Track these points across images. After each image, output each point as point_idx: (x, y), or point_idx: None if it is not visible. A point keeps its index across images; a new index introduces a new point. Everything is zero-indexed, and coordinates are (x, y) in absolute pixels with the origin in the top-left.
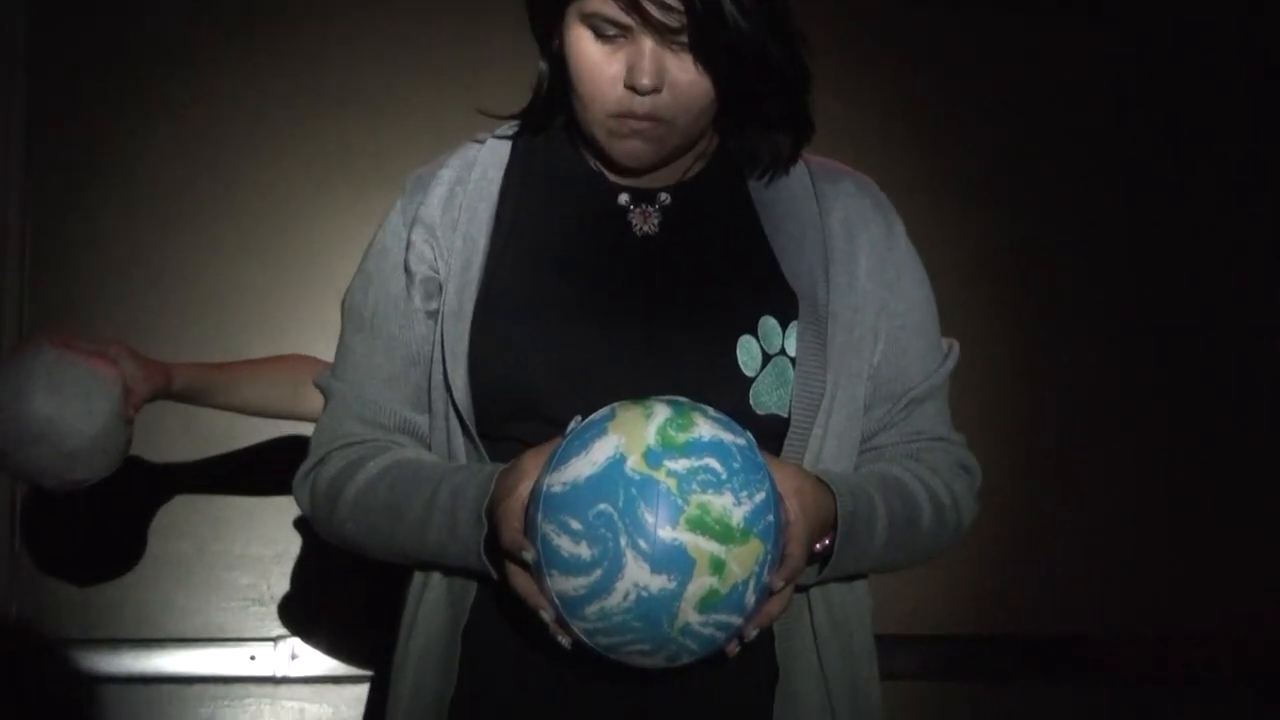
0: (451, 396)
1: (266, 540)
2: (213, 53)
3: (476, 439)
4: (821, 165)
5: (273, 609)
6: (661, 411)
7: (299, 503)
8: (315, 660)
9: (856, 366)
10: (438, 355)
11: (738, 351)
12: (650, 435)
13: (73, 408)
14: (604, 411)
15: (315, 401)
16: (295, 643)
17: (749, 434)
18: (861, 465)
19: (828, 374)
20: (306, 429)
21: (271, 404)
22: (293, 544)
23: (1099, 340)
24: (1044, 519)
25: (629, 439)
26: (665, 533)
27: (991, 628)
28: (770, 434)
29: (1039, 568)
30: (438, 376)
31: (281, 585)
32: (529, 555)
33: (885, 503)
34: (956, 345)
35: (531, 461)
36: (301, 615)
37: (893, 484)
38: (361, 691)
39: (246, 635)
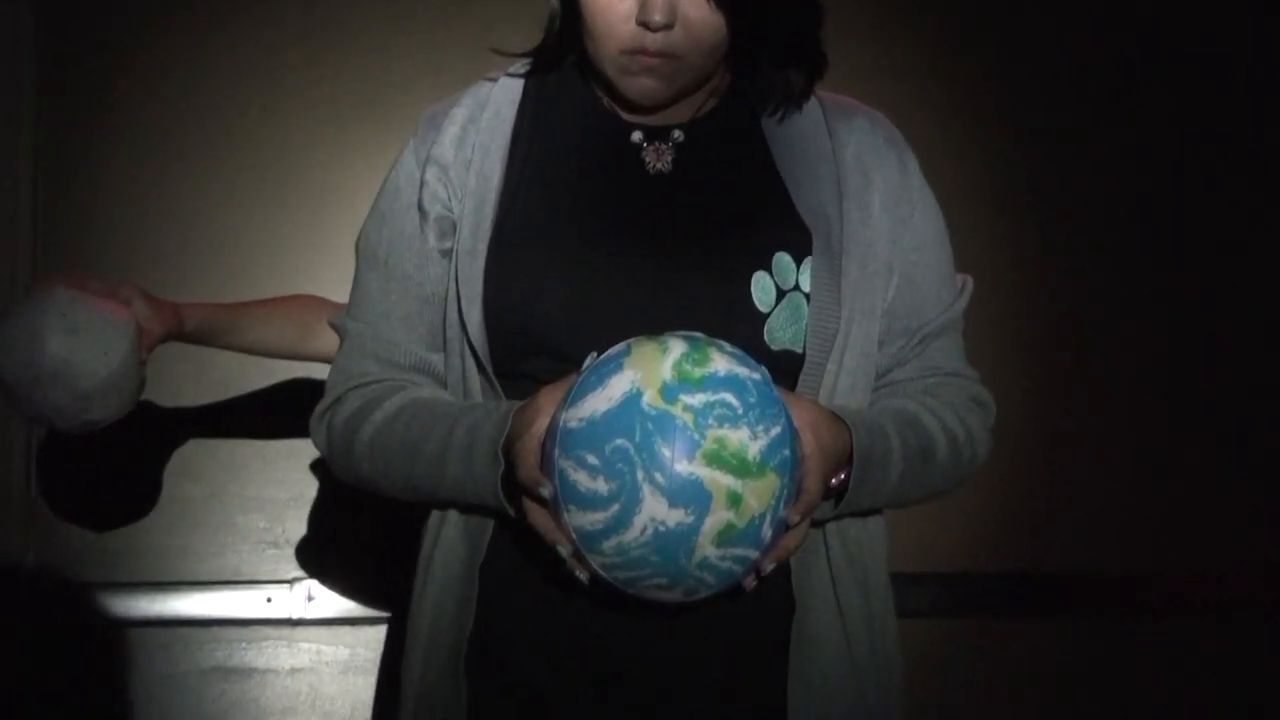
0: (467, 335)
1: (282, 483)
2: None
3: (492, 377)
4: (835, 101)
5: (288, 551)
6: (677, 347)
7: (315, 443)
8: (331, 602)
9: (870, 302)
10: (452, 294)
11: (752, 287)
12: (666, 370)
13: (88, 349)
14: (620, 347)
15: (323, 342)
16: (311, 585)
17: (764, 369)
18: (876, 401)
19: (842, 309)
20: (319, 370)
21: (281, 344)
22: (308, 486)
23: (1116, 272)
24: (1057, 455)
25: (645, 374)
26: (682, 467)
27: (1005, 564)
28: (784, 370)
29: (1051, 504)
30: (453, 315)
31: (297, 528)
32: (546, 491)
33: (900, 437)
34: (971, 281)
35: (548, 398)
36: (317, 557)
37: (907, 419)
38: (378, 633)
39: (262, 578)
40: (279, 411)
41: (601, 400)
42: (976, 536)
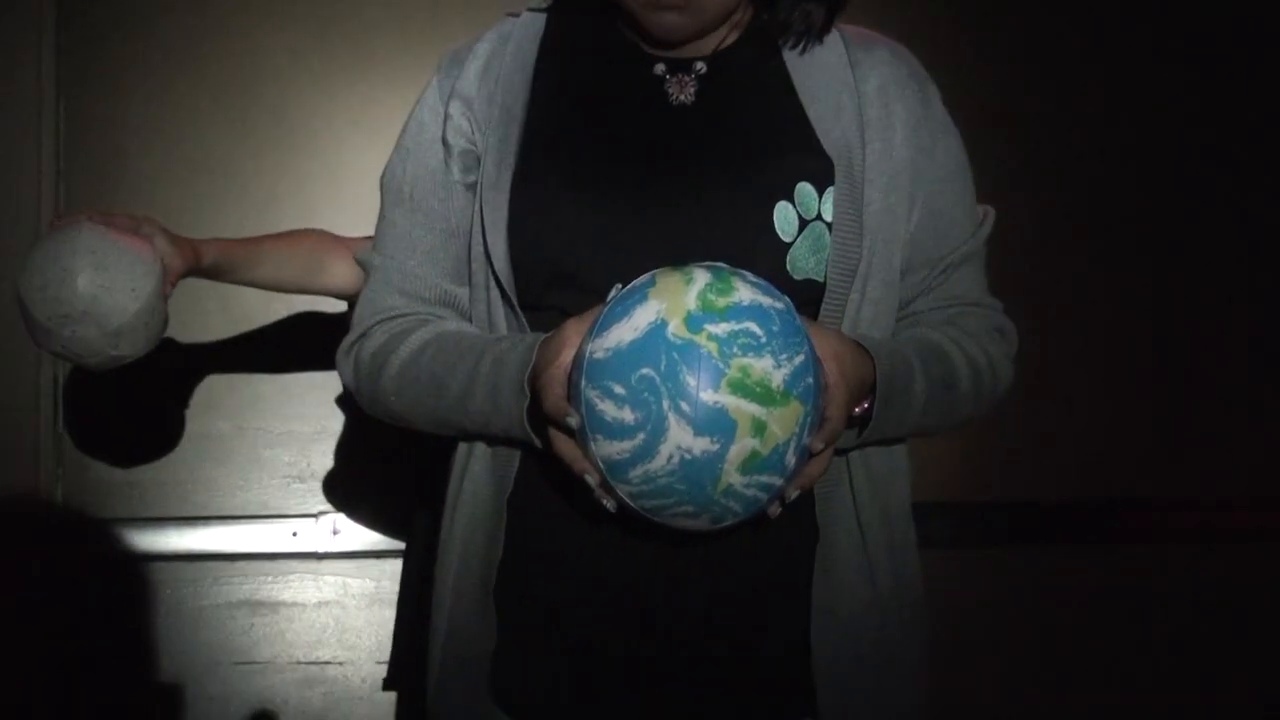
0: (492, 267)
1: (306, 417)
2: None
3: (517, 309)
4: (857, 34)
5: (314, 485)
6: (702, 277)
7: (342, 377)
8: (357, 535)
9: (892, 232)
10: (477, 226)
11: (774, 217)
12: (691, 300)
13: (117, 285)
14: (645, 278)
15: (335, 276)
16: (337, 518)
17: (787, 298)
18: (899, 331)
19: (864, 239)
20: (342, 305)
21: (294, 279)
22: (333, 421)
23: (1131, 201)
24: (1078, 385)
25: (670, 304)
26: (707, 396)
27: (1024, 494)
28: (807, 299)
29: (1072, 433)
30: (477, 248)
31: (322, 462)
32: (573, 421)
33: (923, 366)
34: (992, 211)
35: (573, 329)
36: (342, 491)
37: (930, 348)
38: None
39: (288, 512)
40: (303, 346)
41: (627, 330)
42: (996, 466)
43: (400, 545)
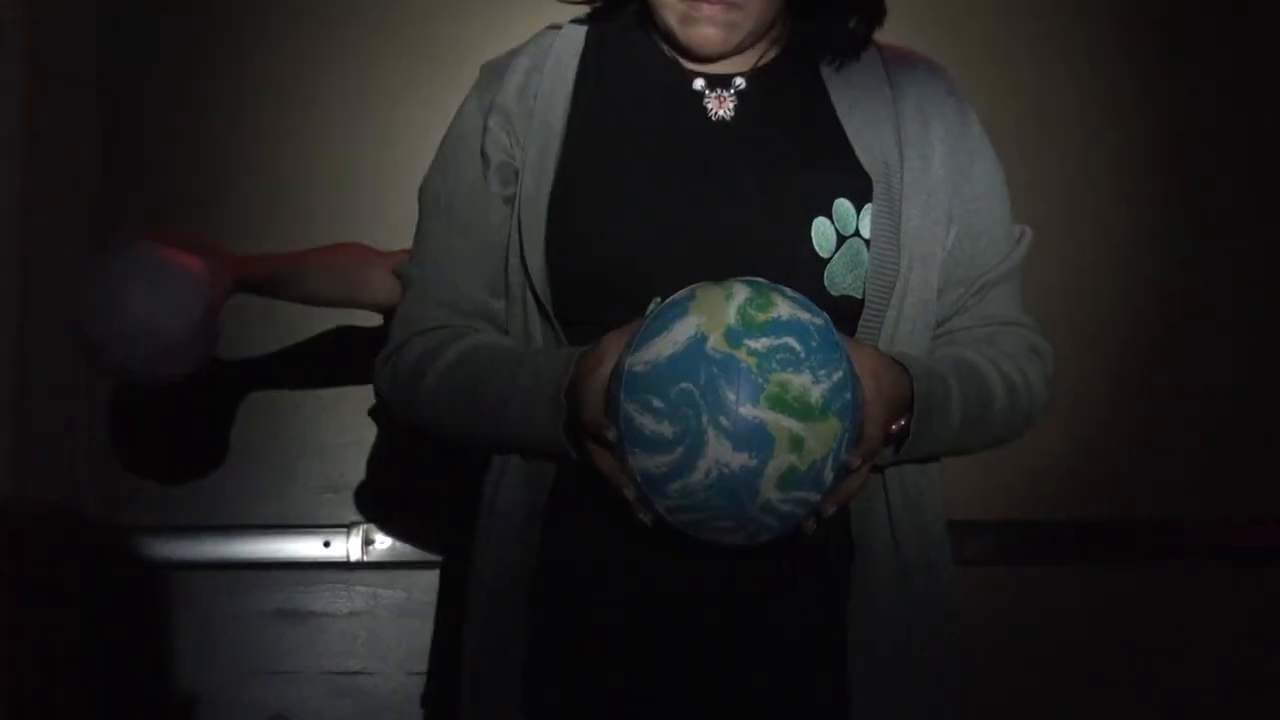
0: (529, 280)
1: (340, 428)
2: None
3: (555, 322)
4: (895, 51)
5: (346, 496)
6: (741, 292)
7: (379, 388)
8: (388, 546)
9: (930, 249)
10: (515, 239)
11: (812, 233)
12: (731, 315)
13: (170, 304)
14: (684, 292)
15: (378, 291)
16: (369, 529)
17: (826, 315)
18: (934, 349)
19: (901, 256)
20: (377, 316)
21: (336, 294)
22: (366, 431)
23: (1167, 224)
24: (1112, 403)
25: (710, 319)
26: (746, 410)
27: (1057, 513)
28: (844, 315)
29: (1106, 452)
30: (515, 260)
31: (355, 472)
32: (611, 434)
33: (959, 385)
34: (1029, 231)
35: (612, 343)
36: (375, 502)
37: (967, 367)
38: (434, 577)
39: (320, 522)
40: (337, 356)
41: (666, 345)
42: (1029, 484)
43: (432, 556)
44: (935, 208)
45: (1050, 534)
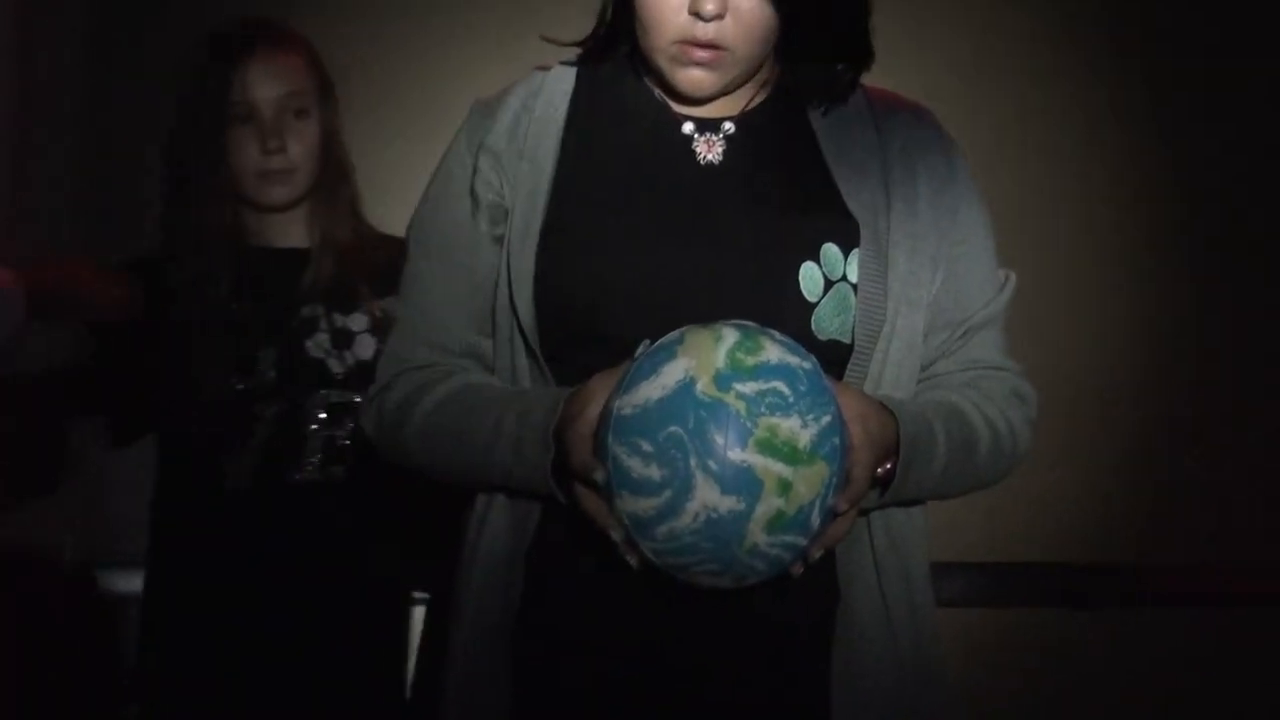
0: (518, 320)
1: None
2: None
3: (542, 363)
4: (881, 96)
5: None
6: (730, 335)
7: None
8: None
9: (916, 294)
10: (504, 279)
11: (800, 277)
12: (720, 359)
13: None
14: (673, 335)
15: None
16: None
17: (814, 359)
18: (919, 393)
19: (888, 301)
20: None
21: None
22: None
23: (1150, 271)
24: (1092, 447)
25: (699, 362)
26: (735, 455)
27: (1038, 555)
28: (831, 360)
29: (1086, 496)
30: (503, 300)
31: None
32: (599, 476)
33: (945, 429)
34: (1014, 276)
35: (600, 385)
36: None
37: (951, 411)
38: (410, 613)
39: None
40: None
41: (655, 388)
42: (1010, 527)
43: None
44: (921, 253)
45: (1029, 577)
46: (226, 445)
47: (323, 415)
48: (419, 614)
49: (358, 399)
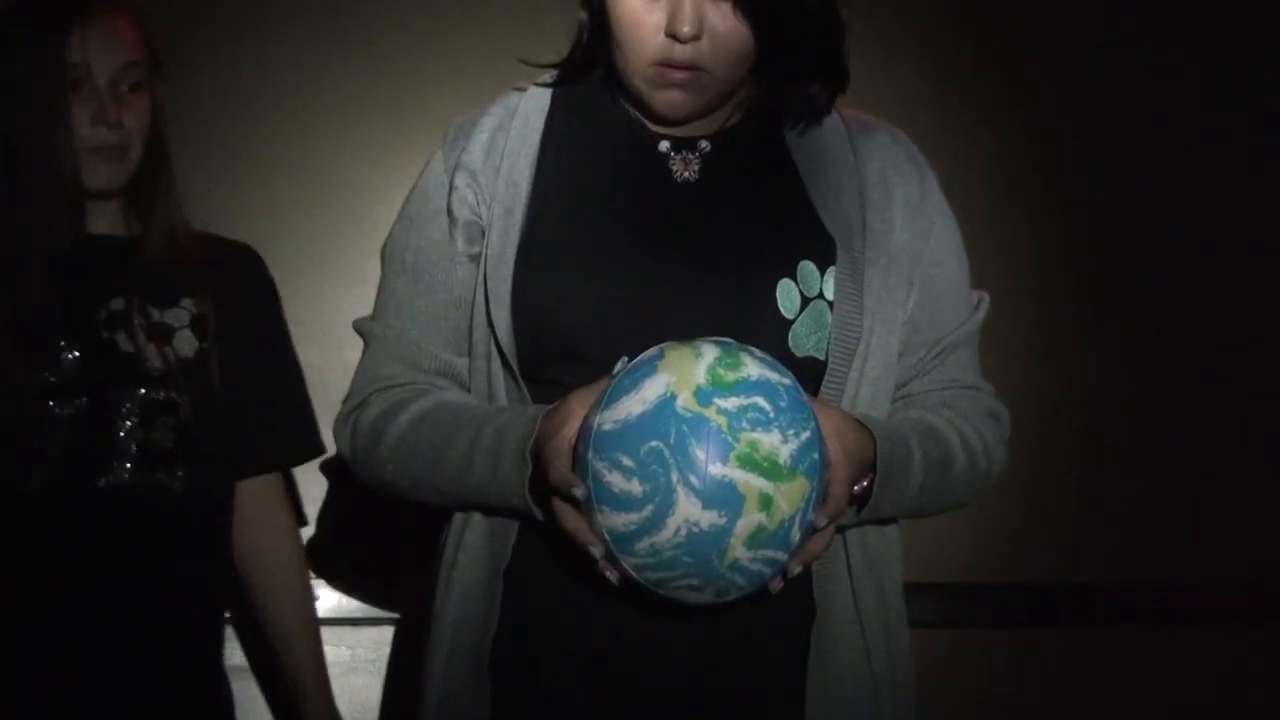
0: (495, 338)
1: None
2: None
3: (520, 380)
4: (855, 118)
5: None
6: (710, 351)
7: (339, 445)
8: (333, 602)
9: (891, 312)
10: (480, 297)
11: (777, 294)
12: (700, 374)
13: None
14: (653, 351)
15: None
16: (313, 584)
17: (793, 375)
18: (894, 412)
19: (864, 318)
20: (330, 373)
21: None
22: (313, 486)
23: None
24: (1067, 466)
25: (679, 378)
26: (716, 469)
27: (1011, 576)
28: (807, 376)
29: (1059, 515)
30: (480, 318)
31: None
32: (579, 492)
33: (921, 447)
34: (987, 297)
35: (578, 401)
36: (320, 557)
37: (927, 429)
38: (380, 634)
39: None
40: None
41: (636, 403)
42: (983, 548)
43: (378, 613)
44: (896, 272)
45: (999, 597)
46: (21, 445)
47: (135, 416)
48: (388, 634)
49: (179, 398)
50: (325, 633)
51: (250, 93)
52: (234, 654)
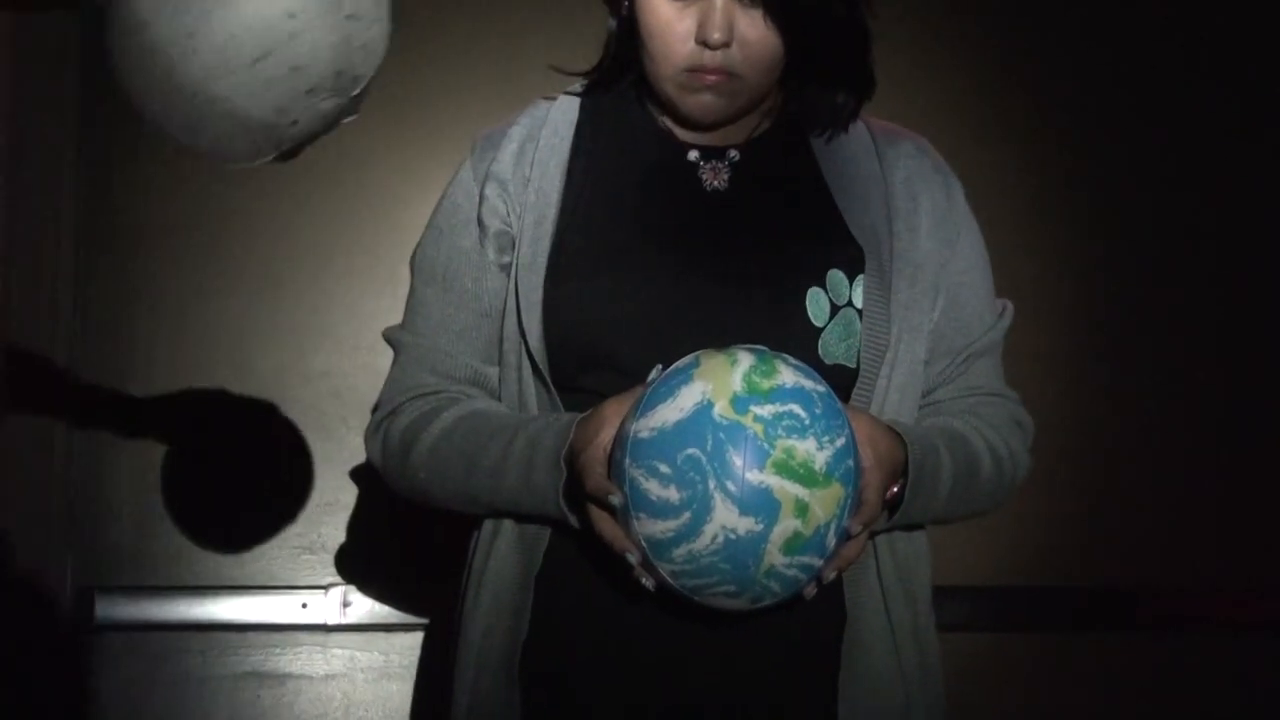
0: (526, 347)
1: (318, 489)
2: None
3: (551, 389)
4: (881, 127)
5: (324, 557)
6: (746, 359)
7: (370, 454)
8: (366, 608)
9: (918, 320)
10: (511, 306)
11: (807, 303)
12: (736, 382)
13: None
14: (689, 359)
15: None
16: (346, 591)
17: (826, 382)
18: (921, 419)
19: (892, 326)
20: (359, 379)
21: None
22: (344, 493)
23: (1161, 291)
24: (1092, 471)
25: (716, 386)
26: (753, 476)
27: (1038, 579)
28: (837, 384)
29: (1085, 519)
30: (511, 327)
31: (333, 534)
32: (617, 499)
33: (950, 453)
34: (1011, 305)
35: (612, 409)
36: (353, 564)
37: (955, 436)
38: (412, 639)
39: (298, 583)
40: (317, 418)
41: (673, 411)
42: (1010, 551)
43: (411, 619)
44: (923, 280)
45: (1029, 601)
46: None
47: None
48: (421, 640)
49: None
50: (359, 639)
51: None
52: (241, 661)
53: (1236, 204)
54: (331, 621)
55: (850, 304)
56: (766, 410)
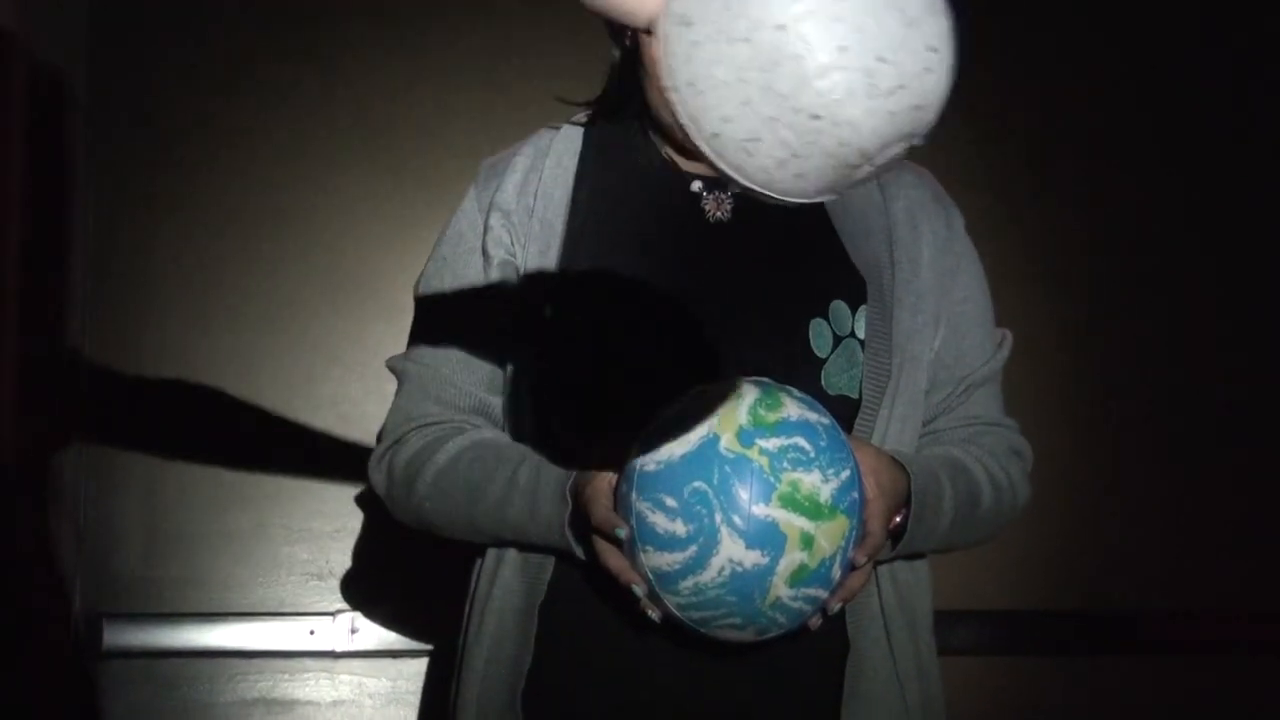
0: (530, 377)
1: (326, 515)
2: (276, 44)
3: (554, 419)
4: None
5: (332, 584)
6: (751, 392)
7: (374, 484)
8: (374, 635)
9: (919, 350)
10: (515, 336)
11: (810, 334)
12: (742, 415)
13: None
14: (693, 392)
15: None
16: (354, 617)
17: (830, 414)
18: (921, 448)
19: (894, 356)
20: (366, 405)
21: None
22: (352, 519)
23: (1160, 317)
24: (1092, 497)
25: (722, 419)
26: (759, 510)
27: (1041, 604)
28: (840, 415)
29: (1086, 546)
30: (514, 357)
31: (340, 560)
32: (623, 532)
33: (951, 483)
34: (1010, 335)
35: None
36: (360, 590)
37: (956, 465)
38: (420, 666)
39: (305, 610)
40: (324, 445)
41: (679, 444)
42: (1012, 576)
43: (418, 645)
44: (924, 310)
45: (1035, 625)
46: None
47: None
48: (421, 666)
49: None
50: (366, 665)
51: (276, 146)
52: (249, 688)
53: (1238, 239)
54: (339, 648)
55: (853, 334)
56: (772, 444)
